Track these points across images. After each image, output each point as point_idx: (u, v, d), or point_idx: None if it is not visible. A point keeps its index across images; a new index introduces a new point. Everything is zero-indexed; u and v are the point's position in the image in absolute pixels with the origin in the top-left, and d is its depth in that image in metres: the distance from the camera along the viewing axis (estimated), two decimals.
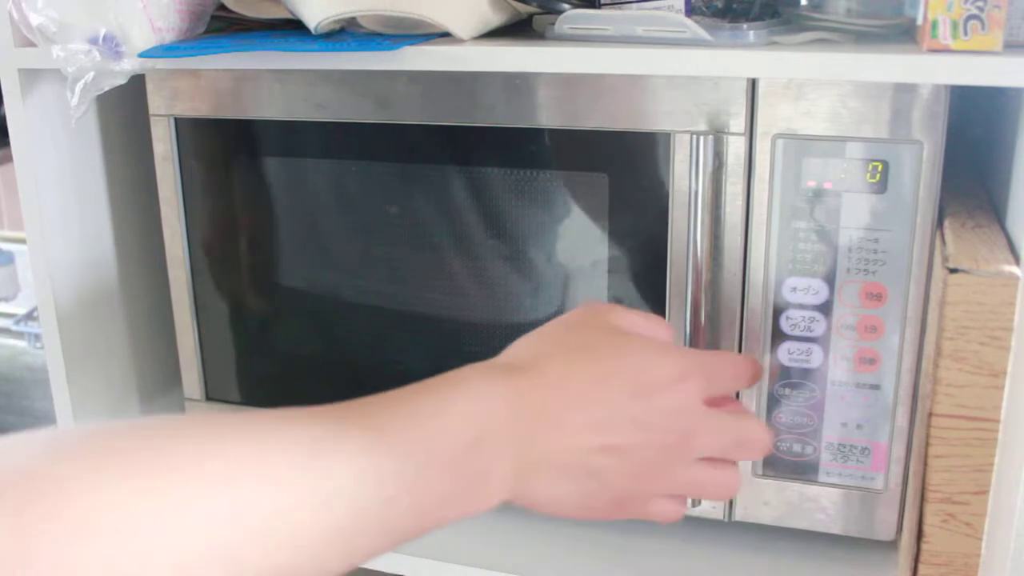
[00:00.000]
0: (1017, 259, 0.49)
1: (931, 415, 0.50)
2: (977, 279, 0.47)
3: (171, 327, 0.76)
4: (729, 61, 0.54)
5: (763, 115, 0.57)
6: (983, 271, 0.47)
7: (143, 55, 0.62)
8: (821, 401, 0.61)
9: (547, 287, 0.65)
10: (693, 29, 0.55)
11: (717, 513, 0.65)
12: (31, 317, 1.66)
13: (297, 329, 0.73)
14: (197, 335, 0.75)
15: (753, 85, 0.57)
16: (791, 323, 0.60)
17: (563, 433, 0.45)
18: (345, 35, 0.61)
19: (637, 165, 0.60)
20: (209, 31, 0.67)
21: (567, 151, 0.62)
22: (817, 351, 0.60)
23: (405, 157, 0.65)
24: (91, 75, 0.62)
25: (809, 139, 0.56)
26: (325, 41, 0.59)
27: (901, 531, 0.61)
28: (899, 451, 0.60)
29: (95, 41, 0.62)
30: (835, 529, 0.63)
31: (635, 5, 0.61)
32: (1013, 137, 0.56)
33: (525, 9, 0.64)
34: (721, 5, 0.63)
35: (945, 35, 0.50)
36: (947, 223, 0.55)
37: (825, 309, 0.59)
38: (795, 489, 0.63)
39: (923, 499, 0.51)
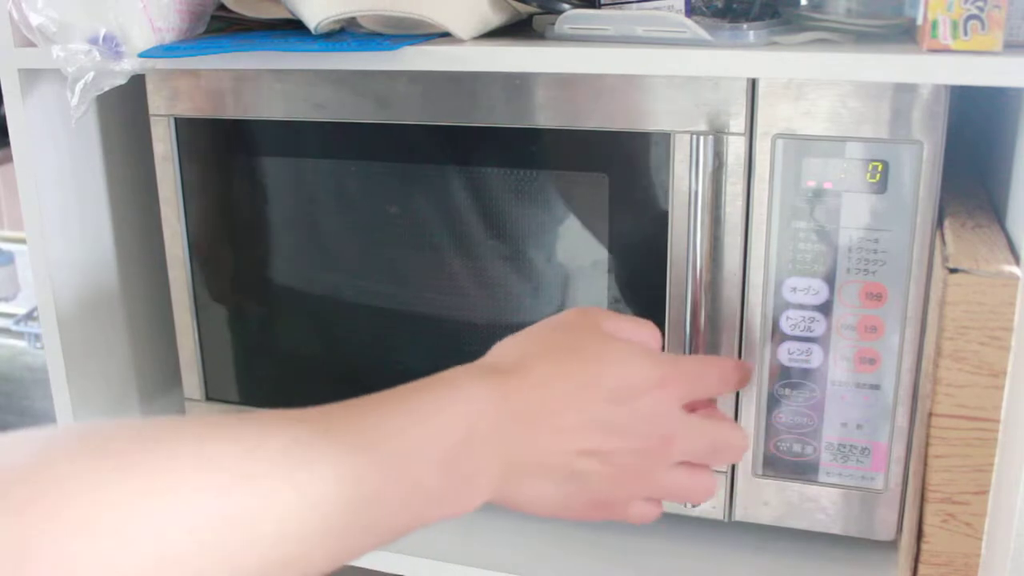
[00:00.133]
0: (1017, 259, 0.49)
1: (931, 415, 0.50)
2: (977, 279, 0.47)
3: (171, 327, 0.76)
4: (729, 61, 0.54)
5: (763, 115, 0.57)
6: (983, 271, 0.47)
7: (143, 55, 0.62)
8: (821, 401, 0.61)
9: (547, 287, 0.65)
10: (693, 29, 0.55)
11: (717, 513, 0.65)
12: (31, 317, 1.66)
13: (297, 329, 0.73)
14: (197, 335, 0.75)
15: (753, 85, 0.57)
16: (791, 323, 0.60)
17: (545, 436, 0.46)
18: (345, 35, 0.61)
19: (637, 165, 0.60)
20: (209, 31, 0.67)
21: (567, 151, 0.62)
22: (817, 351, 0.60)
23: (405, 157, 0.65)
24: (91, 75, 0.62)
25: (809, 139, 0.56)
26: (325, 41, 0.59)
27: (901, 531, 0.61)
28: (899, 451, 0.60)
29: (95, 41, 0.62)
30: (835, 529, 0.63)
31: (635, 5, 0.61)
32: (1013, 137, 0.56)
33: (525, 9, 0.64)
34: (721, 5, 0.63)
35: (945, 35, 0.50)
36: (947, 223, 0.55)
37: (825, 309, 0.59)
38: (795, 489, 0.63)
39: (923, 499, 0.51)
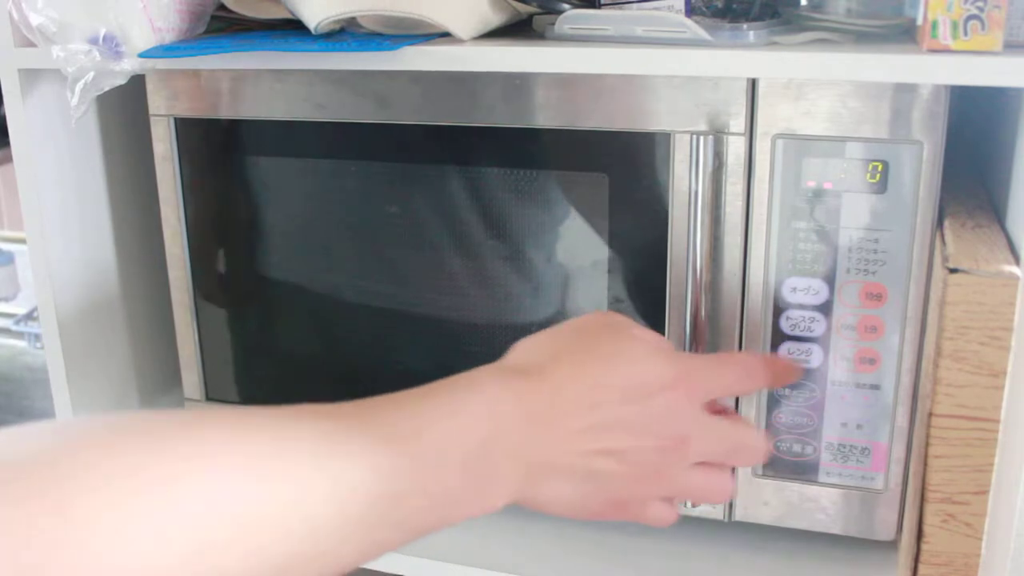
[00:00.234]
0: (1017, 259, 0.49)
1: (931, 415, 0.50)
2: (977, 279, 0.47)
3: (171, 327, 0.76)
4: (729, 61, 0.54)
5: (763, 115, 0.57)
6: (983, 271, 0.47)
7: (143, 55, 0.62)
8: (821, 401, 0.61)
9: (547, 287, 0.65)
10: (693, 29, 0.55)
11: (717, 513, 0.65)
12: (31, 317, 1.66)
13: (297, 329, 0.73)
14: (197, 335, 0.75)
15: (753, 85, 0.57)
16: (791, 323, 0.60)
17: (563, 436, 0.46)
18: (345, 35, 0.61)
19: (637, 165, 0.60)
20: (209, 31, 0.67)
21: (567, 151, 0.62)
22: (817, 351, 0.60)
23: (405, 157, 0.65)
24: (91, 75, 0.62)
25: (809, 139, 0.56)
26: (325, 41, 0.59)
27: (901, 531, 0.61)
28: (899, 451, 0.60)
29: (95, 41, 0.62)
30: (835, 529, 0.63)
31: (635, 5, 0.61)
32: (1013, 137, 0.56)
33: (525, 9, 0.64)
34: (721, 5, 0.63)
35: (945, 35, 0.50)
36: (947, 223, 0.55)
37: (825, 309, 0.59)
38: (795, 489, 0.63)
39: (923, 499, 0.51)
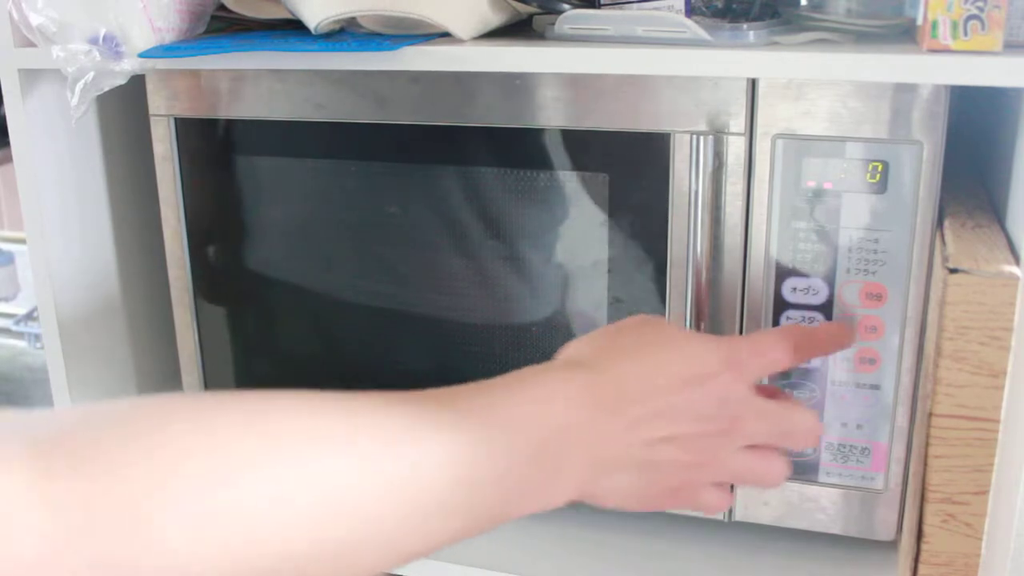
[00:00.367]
0: (1017, 259, 0.49)
1: (931, 415, 0.50)
2: (977, 279, 0.47)
3: (171, 327, 0.76)
4: (729, 61, 0.54)
5: (763, 115, 0.57)
6: (983, 271, 0.47)
7: (143, 55, 0.62)
8: (821, 401, 0.61)
9: (547, 287, 0.65)
10: (693, 29, 0.55)
11: (717, 513, 0.65)
12: (31, 317, 1.65)
13: (297, 329, 0.73)
14: (197, 335, 0.75)
15: (753, 85, 0.57)
16: (791, 323, 0.60)
17: (626, 425, 0.47)
18: (345, 35, 0.61)
19: (637, 165, 0.60)
20: (209, 31, 0.67)
21: (567, 151, 0.62)
22: None
23: (405, 157, 0.65)
24: (91, 75, 0.62)
25: (809, 139, 0.56)
26: (325, 41, 0.59)
27: (901, 531, 0.61)
28: (899, 451, 0.60)
29: (95, 41, 0.62)
30: (835, 529, 0.63)
31: (635, 5, 0.61)
32: (1013, 137, 0.56)
33: (525, 9, 0.64)
34: (721, 5, 0.63)
35: (945, 35, 0.50)
36: (947, 223, 0.55)
37: (825, 309, 0.59)
38: (795, 489, 0.63)
39: (923, 499, 0.51)
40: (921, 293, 0.57)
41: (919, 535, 0.52)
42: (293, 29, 0.63)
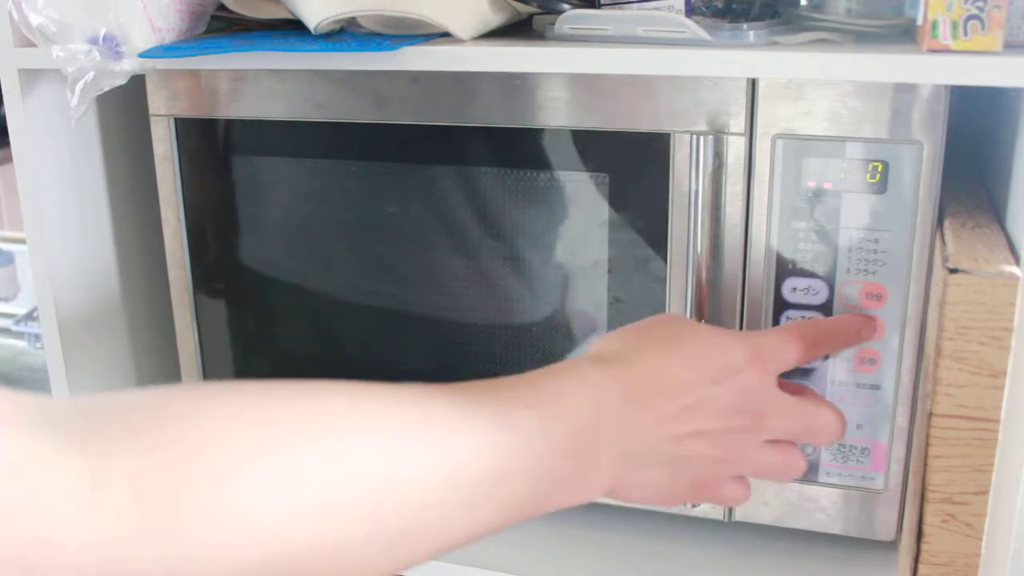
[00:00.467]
0: (1017, 259, 0.49)
1: (931, 415, 0.50)
2: (977, 279, 0.47)
3: (171, 327, 0.76)
4: (729, 61, 0.54)
5: (763, 115, 0.57)
6: (983, 271, 0.47)
7: (143, 55, 0.62)
8: None
9: (547, 287, 0.65)
10: (693, 29, 0.55)
11: (717, 513, 0.65)
12: (31, 317, 1.65)
13: (297, 329, 0.73)
14: (197, 335, 0.75)
15: (753, 85, 0.57)
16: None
17: (657, 419, 0.47)
18: (345, 35, 0.61)
19: (637, 165, 0.60)
20: (209, 31, 0.67)
21: (567, 151, 0.62)
22: None
23: (405, 157, 0.65)
24: (91, 75, 0.62)
25: (809, 139, 0.56)
26: (325, 41, 0.59)
27: (901, 531, 0.61)
28: (899, 451, 0.60)
29: (95, 41, 0.62)
30: (835, 529, 0.63)
31: (635, 5, 0.61)
32: (1013, 137, 0.56)
33: (525, 9, 0.64)
34: (721, 5, 0.63)
35: (945, 35, 0.50)
36: (947, 223, 0.55)
37: (825, 309, 0.59)
38: (795, 489, 0.63)
39: (923, 499, 0.51)
40: (921, 293, 0.57)
41: (919, 535, 0.52)
42: (293, 29, 0.63)
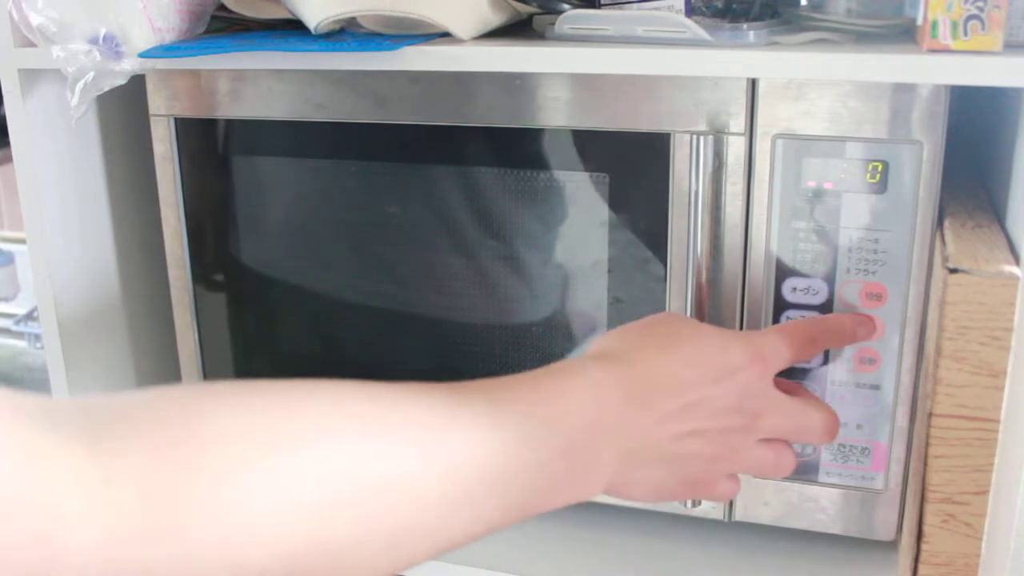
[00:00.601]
0: (1017, 259, 0.49)
1: (931, 415, 0.50)
2: (977, 279, 0.47)
3: (171, 327, 0.76)
4: (729, 61, 0.54)
5: (763, 115, 0.57)
6: (983, 271, 0.47)
7: (143, 55, 0.62)
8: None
9: (547, 287, 0.65)
10: (693, 29, 0.55)
11: (717, 513, 0.65)
12: (31, 317, 1.65)
13: (297, 329, 0.73)
14: (197, 335, 0.75)
15: (753, 85, 0.57)
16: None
17: (657, 418, 0.47)
18: (345, 35, 0.61)
19: (637, 165, 0.60)
20: (209, 31, 0.67)
21: (567, 151, 0.62)
22: None
23: (405, 157, 0.65)
24: (91, 75, 0.62)
25: (809, 139, 0.56)
26: (325, 41, 0.59)
27: (901, 531, 0.61)
28: (899, 451, 0.60)
29: (95, 41, 0.62)
30: (835, 529, 0.63)
31: (635, 5, 0.61)
32: (1013, 137, 0.56)
33: (525, 9, 0.64)
34: (721, 5, 0.63)
35: (945, 35, 0.50)
36: (947, 223, 0.55)
37: (825, 309, 0.59)
38: (795, 489, 0.63)
39: (923, 499, 0.51)
40: (921, 293, 0.57)
41: (919, 535, 0.52)
42: (293, 29, 0.63)
